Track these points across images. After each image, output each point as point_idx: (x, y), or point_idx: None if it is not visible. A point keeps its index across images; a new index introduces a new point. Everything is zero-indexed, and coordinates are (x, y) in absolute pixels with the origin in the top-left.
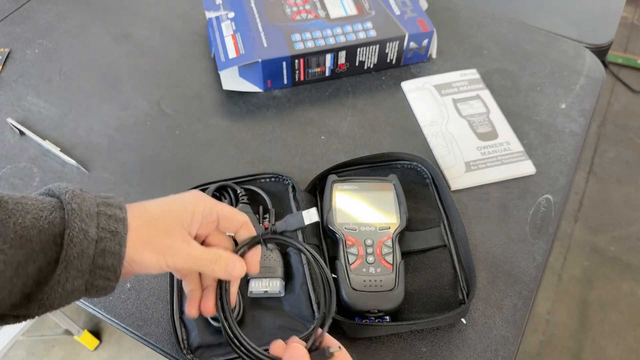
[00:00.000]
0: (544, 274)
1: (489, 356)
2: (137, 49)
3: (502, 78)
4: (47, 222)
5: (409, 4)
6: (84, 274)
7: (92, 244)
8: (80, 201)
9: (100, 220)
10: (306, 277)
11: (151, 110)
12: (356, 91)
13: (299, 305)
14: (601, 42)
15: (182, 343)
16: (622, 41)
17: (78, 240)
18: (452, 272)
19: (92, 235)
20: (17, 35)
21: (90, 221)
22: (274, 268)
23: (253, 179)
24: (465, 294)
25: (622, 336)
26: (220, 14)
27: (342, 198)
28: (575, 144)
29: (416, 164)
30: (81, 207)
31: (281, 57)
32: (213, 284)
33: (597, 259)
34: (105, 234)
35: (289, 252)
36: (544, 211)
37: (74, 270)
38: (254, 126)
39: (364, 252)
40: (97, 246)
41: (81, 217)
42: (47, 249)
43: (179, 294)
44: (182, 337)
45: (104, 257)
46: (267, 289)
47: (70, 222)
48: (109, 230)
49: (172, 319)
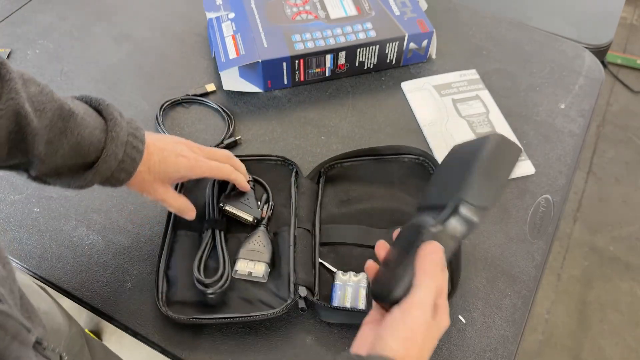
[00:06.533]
0: (543, 273)
1: (488, 356)
2: (137, 49)
3: (501, 78)
4: (96, 139)
5: (408, 5)
6: (105, 178)
7: (116, 163)
8: (118, 130)
9: (127, 148)
10: (289, 257)
11: (151, 110)
12: (356, 91)
13: (280, 284)
14: (600, 43)
15: (160, 295)
16: (622, 41)
17: (109, 159)
18: None
19: (119, 157)
20: (17, 36)
21: (121, 148)
22: (262, 253)
23: (260, 160)
24: (448, 295)
25: (621, 336)
26: (220, 14)
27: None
28: (574, 144)
29: (423, 158)
30: (118, 135)
31: (281, 57)
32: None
33: (596, 259)
34: (127, 158)
35: (279, 232)
36: (543, 211)
37: (99, 176)
38: (254, 126)
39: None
40: (119, 165)
41: (116, 144)
42: (88, 157)
43: (169, 250)
44: (162, 290)
45: (120, 172)
46: (252, 271)
47: (108, 145)
48: (130, 157)
49: (157, 271)
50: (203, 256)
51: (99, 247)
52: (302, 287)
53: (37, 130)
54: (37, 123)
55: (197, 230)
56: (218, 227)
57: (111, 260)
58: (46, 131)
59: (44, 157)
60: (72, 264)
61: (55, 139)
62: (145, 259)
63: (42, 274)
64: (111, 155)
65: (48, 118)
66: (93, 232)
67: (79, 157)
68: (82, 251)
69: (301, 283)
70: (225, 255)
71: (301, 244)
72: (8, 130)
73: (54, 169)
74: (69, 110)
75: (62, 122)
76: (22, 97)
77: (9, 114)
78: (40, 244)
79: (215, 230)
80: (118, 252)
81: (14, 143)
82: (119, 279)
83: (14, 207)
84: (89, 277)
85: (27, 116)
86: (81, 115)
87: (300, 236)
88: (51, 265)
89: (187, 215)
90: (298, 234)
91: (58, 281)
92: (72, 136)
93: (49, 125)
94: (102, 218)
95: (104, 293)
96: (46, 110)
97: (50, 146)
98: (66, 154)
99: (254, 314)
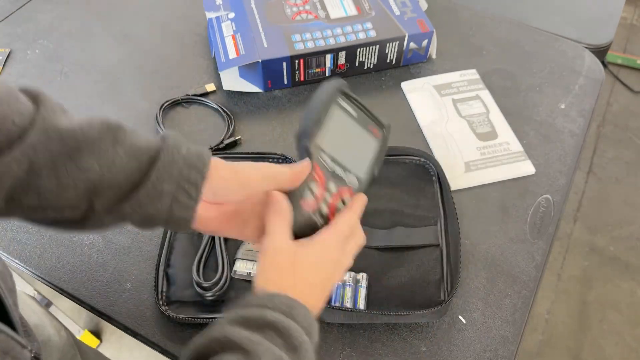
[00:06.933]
0: (543, 273)
1: (488, 356)
2: (137, 49)
3: (501, 78)
4: (154, 145)
5: (408, 5)
6: (172, 181)
7: (181, 159)
8: (174, 136)
9: (189, 147)
10: None
11: (151, 110)
12: (356, 91)
13: None
14: (600, 43)
15: (160, 294)
16: (622, 41)
17: (170, 153)
18: (439, 272)
19: (183, 152)
20: (17, 36)
21: (181, 145)
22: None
23: (260, 158)
24: (447, 295)
25: (621, 336)
26: (220, 14)
27: (338, 117)
28: (574, 144)
29: (424, 160)
30: (177, 137)
31: (281, 57)
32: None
33: (597, 259)
34: (192, 154)
35: None
36: (543, 211)
37: (166, 174)
38: (254, 126)
39: (322, 197)
40: (185, 161)
41: (175, 142)
42: (148, 164)
43: (169, 249)
44: (162, 289)
45: (189, 170)
46: (251, 272)
47: (166, 143)
48: (196, 154)
49: (157, 270)
50: (202, 258)
51: (98, 247)
52: None
53: (84, 144)
54: (81, 137)
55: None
56: None
57: (111, 260)
58: (96, 145)
59: (102, 172)
60: (72, 264)
61: (108, 150)
62: (144, 259)
63: (42, 274)
64: (172, 150)
65: (96, 129)
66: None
67: (140, 167)
68: (81, 251)
69: None
70: (224, 258)
71: None
72: (50, 151)
73: (117, 188)
74: (116, 122)
75: (111, 134)
76: (60, 117)
77: (47, 128)
78: (40, 244)
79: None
80: (118, 252)
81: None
82: (118, 279)
83: None
84: (89, 277)
85: (69, 130)
86: (131, 129)
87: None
88: (51, 265)
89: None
90: None
91: (58, 281)
92: (125, 144)
93: (99, 138)
94: None
95: (103, 293)
96: (93, 123)
97: (103, 159)
98: (124, 165)
99: None
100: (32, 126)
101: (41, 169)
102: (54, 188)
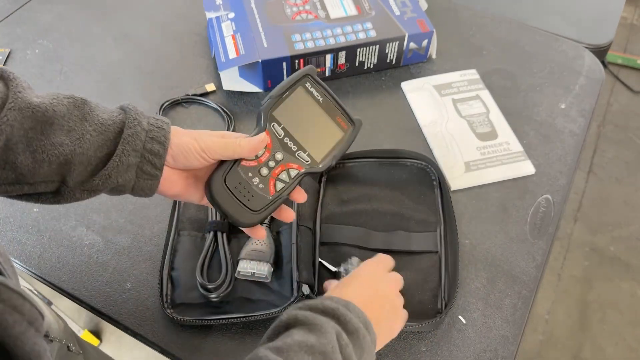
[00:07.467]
0: (543, 273)
1: (488, 356)
2: (137, 49)
3: (501, 78)
4: (118, 119)
5: (408, 4)
6: (137, 153)
7: (143, 132)
8: (134, 108)
9: (150, 119)
10: (292, 255)
11: (151, 110)
12: (356, 91)
13: (283, 283)
14: (601, 43)
15: (164, 297)
16: (622, 41)
17: (133, 126)
18: (437, 280)
19: (144, 125)
20: (17, 36)
21: (142, 118)
22: (265, 253)
23: None
24: (444, 305)
25: (621, 336)
26: (220, 14)
27: (300, 96)
28: (574, 144)
29: (426, 164)
30: (136, 110)
31: (281, 57)
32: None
33: (597, 259)
34: (154, 128)
35: (282, 231)
36: (543, 211)
37: (130, 147)
38: (254, 126)
39: (265, 160)
40: (147, 134)
41: (136, 113)
42: (114, 138)
43: (172, 252)
44: (167, 292)
45: (152, 143)
46: (255, 271)
47: (129, 116)
48: (157, 126)
49: (161, 274)
50: (206, 260)
51: (98, 247)
52: (305, 285)
53: (54, 119)
54: (52, 112)
55: (199, 231)
56: (220, 230)
57: (111, 260)
58: (65, 120)
59: (73, 148)
60: (72, 264)
61: (77, 126)
62: (145, 259)
63: (42, 274)
64: (133, 122)
65: (64, 105)
66: (93, 232)
67: (107, 143)
68: (81, 251)
69: (304, 281)
70: (228, 259)
71: (303, 242)
72: (24, 127)
73: (87, 162)
74: (81, 97)
75: (78, 111)
76: (30, 93)
77: (21, 106)
78: (40, 244)
79: (218, 232)
80: (118, 252)
81: (32, 140)
82: (118, 279)
83: (13, 207)
84: (89, 278)
85: (40, 106)
86: (95, 104)
87: (302, 234)
88: (51, 265)
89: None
90: (300, 231)
91: (58, 281)
92: (92, 120)
93: (67, 114)
94: (102, 218)
95: (103, 293)
96: (60, 98)
97: (73, 134)
98: (93, 139)
99: (257, 313)
100: (4, 104)
101: (17, 145)
102: (30, 163)
